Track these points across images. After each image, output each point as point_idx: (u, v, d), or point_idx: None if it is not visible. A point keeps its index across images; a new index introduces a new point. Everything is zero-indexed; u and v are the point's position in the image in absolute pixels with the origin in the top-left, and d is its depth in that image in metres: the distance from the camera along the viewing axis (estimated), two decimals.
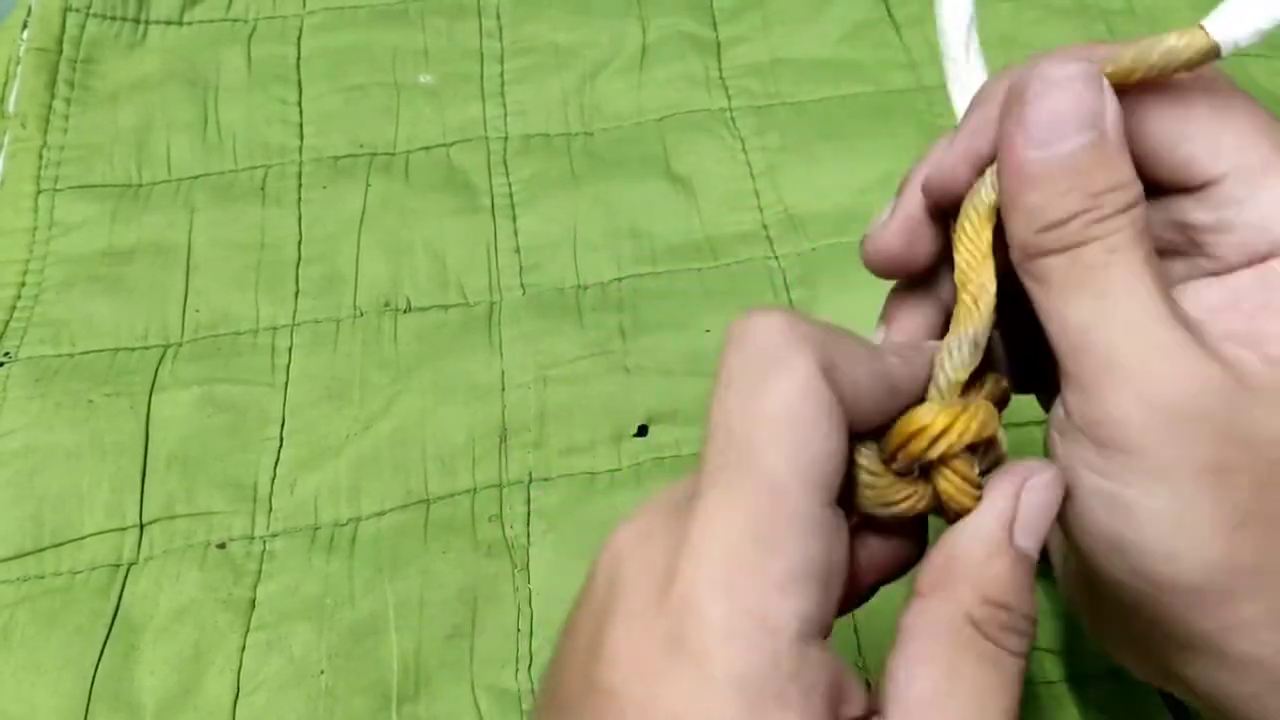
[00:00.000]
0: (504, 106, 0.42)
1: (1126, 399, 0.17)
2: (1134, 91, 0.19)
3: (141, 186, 0.40)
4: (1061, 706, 0.28)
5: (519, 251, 0.38)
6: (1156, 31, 0.18)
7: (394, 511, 0.32)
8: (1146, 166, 0.19)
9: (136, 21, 0.44)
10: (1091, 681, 0.29)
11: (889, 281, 0.40)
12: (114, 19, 0.43)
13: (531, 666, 0.29)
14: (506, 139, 0.41)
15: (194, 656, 0.29)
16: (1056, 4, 0.44)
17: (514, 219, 0.39)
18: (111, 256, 0.38)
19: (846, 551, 0.17)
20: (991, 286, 0.19)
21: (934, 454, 0.18)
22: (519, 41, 0.44)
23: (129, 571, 0.31)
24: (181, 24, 0.44)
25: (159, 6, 0.44)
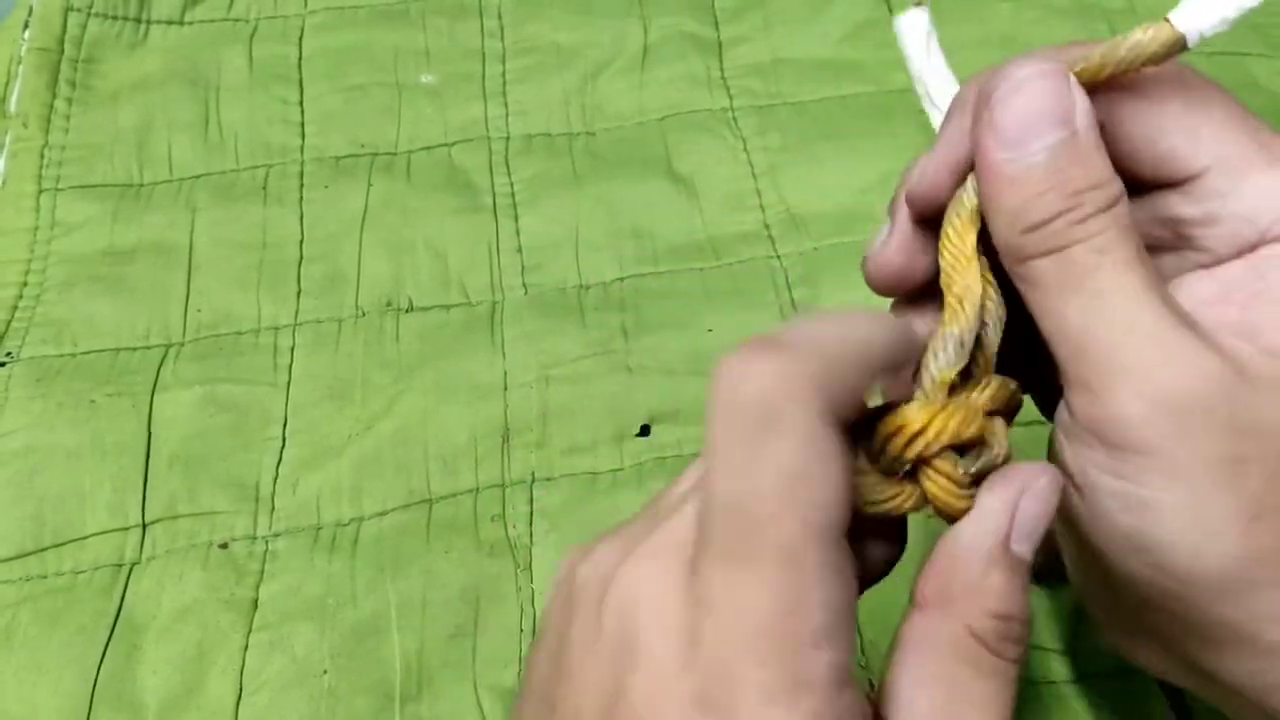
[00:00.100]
0: (505, 106, 0.42)
1: (1131, 398, 0.17)
2: (1109, 91, 0.19)
3: (143, 186, 0.40)
4: (1063, 706, 0.28)
5: (521, 251, 0.38)
6: None
7: (396, 511, 0.32)
8: (1128, 165, 0.19)
9: (138, 21, 0.44)
10: (1093, 681, 0.29)
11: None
12: (115, 19, 0.43)
13: None
14: (508, 139, 0.41)
15: (196, 656, 0.29)
16: (1056, 4, 0.44)
17: (516, 219, 0.39)
18: (113, 256, 0.38)
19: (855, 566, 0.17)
20: (976, 288, 0.19)
21: (911, 453, 0.18)
22: (520, 41, 0.44)
23: (131, 571, 0.31)
24: (183, 24, 0.44)
25: (160, 6, 0.44)
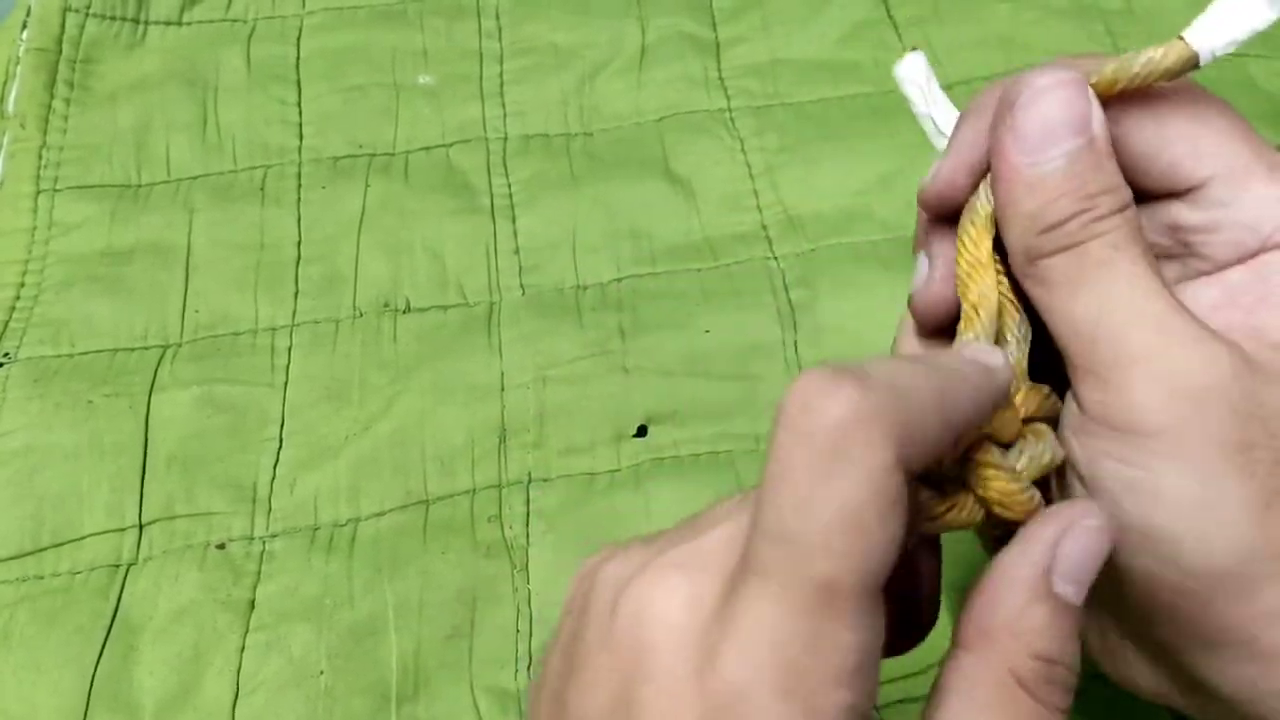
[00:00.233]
0: (503, 107, 0.42)
1: (1144, 383, 0.17)
2: (1116, 102, 0.19)
3: (141, 187, 0.40)
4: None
5: (518, 252, 0.38)
6: (1155, 31, 0.19)
7: (393, 512, 0.32)
8: (1133, 174, 0.19)
9: (136, 22, 0.44)
10: (1093, 680, 0.29)
11: (890, 282, 0.40)
12: (113, 19, 0.43)
13: (531, 667, 0.29)
14: (506, 139, 0.41)
15: (193, 657, 0.29)
16: (1055, 4, 0.44)
17: (513, 219, 0.39)
18: (111, 257, 0.38)
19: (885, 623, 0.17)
20: (992, 295, 0.19)
21: (949, 459, 0.18)
22: (518, 42, 0.44)
23: (128, 572, 0.31)
24: (181, 24, 0.44)
25: (158, 7, 0.44)
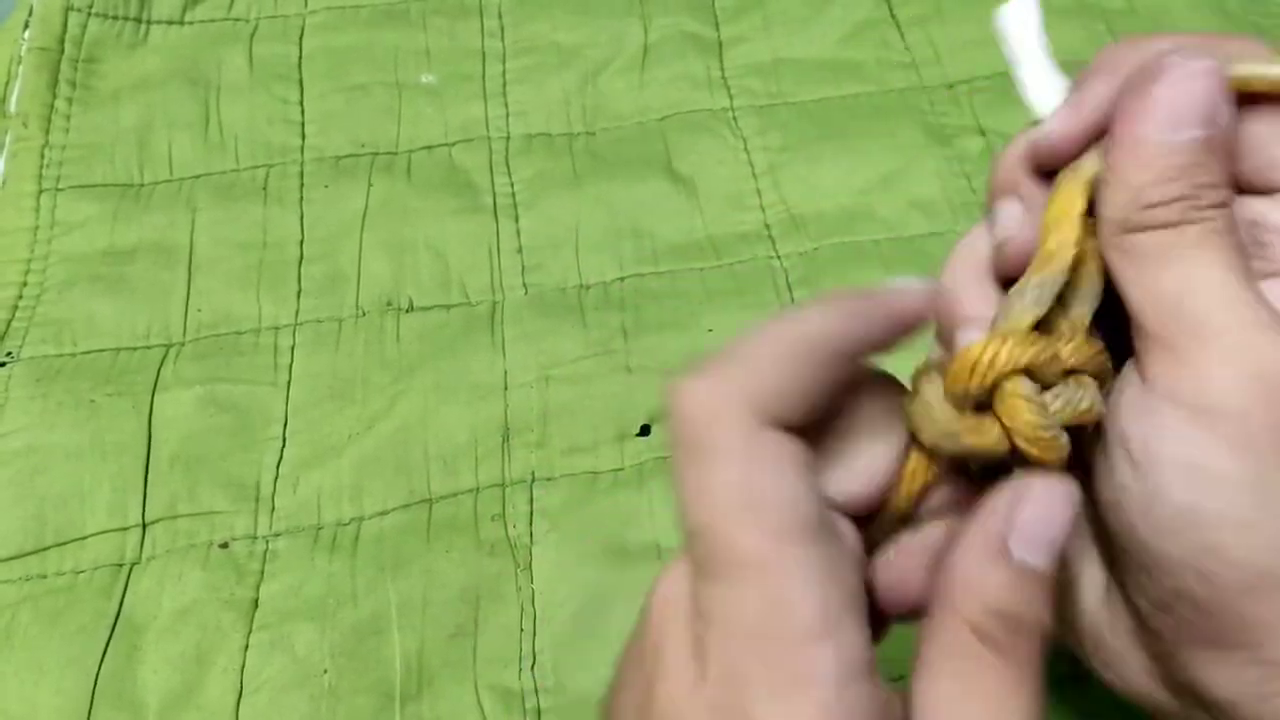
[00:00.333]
0: (506, 106, 0.42)
1: (1220, 362, 0.17)
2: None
3: (143, 186, 0.40)
4: (1060, 705, 0.28)
5: (521, 251, 0.38)
6: (1156, 28, 0.19)
7: (396, 511, 0.32)
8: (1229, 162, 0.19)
9: (138, 21, 0.44)
10: (1093, 680, 0.29)
11: (890, 281, 0.39)
12: (116, 18, 0.43)
13: (534, 666, 0.29)
14: (508, 139, 0.41)
15: (196, 656, 0.29)
16: (1057, 4, 0.44)
17: (516, 219, 0.39)
18: (113, 256, 0.38)
19: (861, 561, 0.17)
20: (1070, 247, 0.19)
21: (979, 379, 0.18)
22: (521, 41, 0.44)
23: (131, 571, 0.31)
24: (183, 23, 0.44)
25: (160, 6, 0.44)
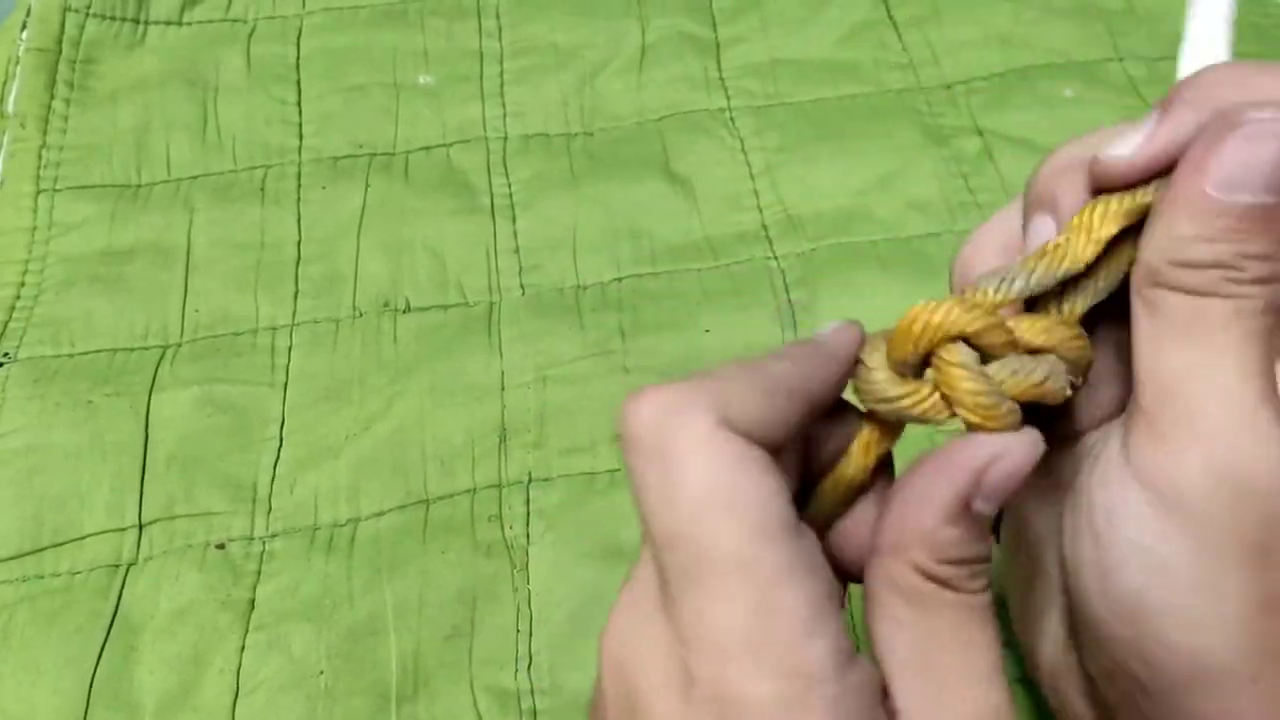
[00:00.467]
0: (503, 107, 0.42)
1: (1199, 458, 0.17)
2: None
3: (141, 187, 0.40)
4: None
5: (518, 252, 0.38)
6: (1156, 32, 0.18)
7: (393, 512, 0.32)
8: None
9: (136, 22, 0.44)
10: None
11: (888, 282, 0.40)
12: (113, 19, 0.43)
13: (531, 666, 0.29)
14: (506, 139, 0.41)
15: (193, 657, 0.29)
16: (1056, 4, 0.44)
17: (513, 219, 0.39)
18: (111, 256, 0.38)
19: (822, 550, 0.17)
20: (1081, 262, 0.19)
21: (913, 343, 0.18)
22: (518, 42, 0.44)
23: (128, 572, 0.31)
24: (181, 24, 0.44)
25: (158, 7, 0.44)
